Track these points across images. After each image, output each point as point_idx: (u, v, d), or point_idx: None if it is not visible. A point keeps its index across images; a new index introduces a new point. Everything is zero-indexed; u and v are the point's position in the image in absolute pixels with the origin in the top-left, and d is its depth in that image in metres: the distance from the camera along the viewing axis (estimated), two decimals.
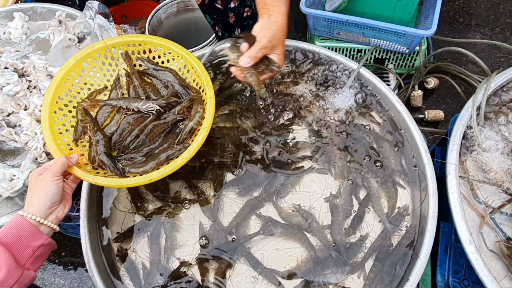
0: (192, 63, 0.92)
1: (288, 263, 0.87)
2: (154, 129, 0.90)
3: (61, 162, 0.77)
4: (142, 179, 0.79)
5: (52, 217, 0.74)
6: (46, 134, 0.83)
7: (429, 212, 0.85)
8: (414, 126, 0.96)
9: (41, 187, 0.74)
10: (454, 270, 0.91)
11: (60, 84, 0.90)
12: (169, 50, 0.96)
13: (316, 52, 1.10)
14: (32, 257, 0.70)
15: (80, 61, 0.93)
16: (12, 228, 0.69)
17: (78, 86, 0.95)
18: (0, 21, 1.26)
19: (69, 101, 0.92)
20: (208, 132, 0.83)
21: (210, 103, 0.86)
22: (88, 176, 0.79)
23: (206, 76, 0.89)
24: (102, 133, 0.87)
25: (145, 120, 0.91)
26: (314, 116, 1.04)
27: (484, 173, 0.93)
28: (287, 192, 0.95)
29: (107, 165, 0.83)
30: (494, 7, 1.73)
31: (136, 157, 0.87)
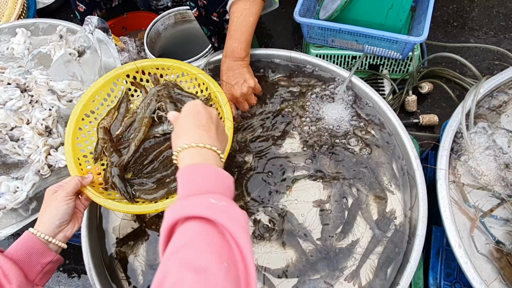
0: (216, 93, 0.92)
1: (281, 266, 0.90)
2: (169, 156, 0.90)
3: (75, 182, 0.79)
4: (148, 208, 0.80)
5: (60, 235, 0.76)
6: (67, 151, 0.85)
7: (419, 217, 0.87)
8: (404, 133, 0.98)
9: (53, 206, 0.75)
10: (446, 273, 0.93)
11: (88, 101, 0.92)
12: (196, 77, 0.97)
13: (308, 62, 1.13)
14: (41, 273, 0.72)
15: (110, 81, 0.96)
16: (23, 245, 0.72)
17: (105, 104, 0.97)
18: (4, 37, 1.30)
19: (95, 118, 0.95)
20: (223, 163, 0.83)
21: (229, 134, 0.83)
22: (98, 198, 0.81)
23: (228, 108, 0.88)
24: (118, 154, 0.89)
25: (161, 146, 0.91)
26: (306, 124, 1.07)
27: (474, 177, 0.95)
28: (278, 198, 0.97)
29: (118, 188, 0.84)
30: (488, 10, 1.75)
31: (148, 183, 0.88)
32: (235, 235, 0.50)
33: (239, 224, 0.52)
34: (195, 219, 0.51)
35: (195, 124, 0.65)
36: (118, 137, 0.94)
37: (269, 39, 1.81)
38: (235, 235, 0.50)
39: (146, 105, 0.93)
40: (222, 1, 1.20)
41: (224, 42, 1.41)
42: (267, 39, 1.81)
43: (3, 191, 0.95)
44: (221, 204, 0.53)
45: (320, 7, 1.46)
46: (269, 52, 1.16)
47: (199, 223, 0.51)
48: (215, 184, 0.58)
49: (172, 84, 0.97)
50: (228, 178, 0.61)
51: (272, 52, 1.16)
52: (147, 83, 1.01)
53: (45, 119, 1.01)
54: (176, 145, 0.64)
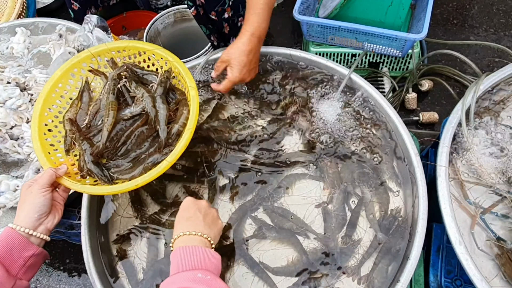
0: (176, 64, 0.92)
1: (281, 264, 0.90)
2: (141, 135, 0.91)
3: (48, 174, 0.79)
4: (127, 186, 0.80)
5: (41, 228, 0.76)
6: (35, 147, 0.85)
7: (419, 214, 0.87)
8: (404, 130, 0.98)
9: (29, 200, 0.76)
10: (446, 270, 0.92)
11: (48, 96, 0.92)
12: (153, 53, 0.97)
13: (307, 60, 1.13)
14: (24, 267, 0.72)
15: (67, 71, 0.95)
16: (3, 241, 0.72)
17: (67, 96, 0.97)
18: (3, 36, 1.30)
19: (59, 112, 0.94)
20: (192, 134, 0.83)
21: (194, 104, 0.86)
22: (76, 185, 0.81)
23: (190, 77, 0.89)
24: (88, 142, 0.89)
25: (131, 127, 0.91)
26: (306, 123, 1.07)
27: (475, 174, 0.95)
28: (279, 197, 0.97)
29: (95, 173, 0.85)
30: (488, 8, 1.74)
31: (123, 163, 0.88)
32: None
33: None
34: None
35: (184, 217, 0.78)
36: (86, 126, 0.94)
37: (268, 38, 1.81)
38: None
39: (108, 89, 0.93)
40: (220, 0, 1.20)
41: (223, 41, 1.41)
42: (267, 38, 1.80)
43: (3, 189, 0.95)
44: (206, 278, 0.64)
45: (320, 5, 1.46)
46: (269, 50, 1.16)
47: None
48: (201, 262, 0.68)
49: (131, 65, 0.97)
50: (214, 256, 0.72)
51: (271, 50, 1.16)
52: (106, 69, 1.01)
53: None
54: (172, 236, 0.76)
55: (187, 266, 0.67)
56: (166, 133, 0.87)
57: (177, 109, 0.91)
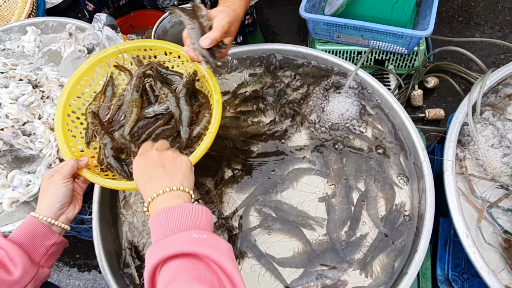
0: (200, 67, 0.90)
1: (287, 256, 0.92)
2: (161, 134, 0.91)
3: (70, 164, 0.80)
4: None
5: (62, 217, 0.78)
6: (58, 137, 0.86)
7: (426, 208, 0.88)
8: (411, 125, 0.99)
9: (51, 190, 0.77)
10: (453, 264, 0.93)
11: (73, 88, 0.93)
12: (179, 55, 0.97)
13: (314, 56, 1.14)
14: (45, 255, 0.74)
15: (93, 65, 0.96)
16: (25, 229, 0.74)
17: (92, 89, 0.98)
18: (14, 35, 1.32)
19: (82, 104, 0.96)
20: (214, 137, 0.84)
21: (217, 108, 0.86)
22: (96, 178, 0.82)
23: (214, 81, 0.89)
24: (110, 136, 0.90)
25: (154, 125, 0.92)
26: (312, 118, 1.08)
27: (481, 169, 0.95)
28: (284, 190, 0.98)
29: (114, 167, 0.85)
30: (493, 5, 1.75)
31: None
32: (223, 264, 0.50)
33: (225, 253, 0.52)
34: (176, 257, 0.51)
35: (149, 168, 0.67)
36: (108, 121, 0.95)
37: (274, 36, 1.82)
38: (223, 264, 0.50)
39: (133, 87, 0.94)
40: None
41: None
42: (273, 36, 1.82)
43: (16, 184, 0.97)
44: (203, 237, 0.54)
45: (326, 3, 1.47)
46: (276, 47, 1.17)
47: (182, 259, 0.51)
48: (194, 221, 0.58)
49: (156, 64, 0.97)
50: (205, 213, 0.61)
51: (278, 47, 1.17)
52: (131, 65, 1.02)
53: None
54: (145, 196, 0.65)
55: (176, 229, 0.56)
56: (188, 134, 0.88)
57: (199, 111, 0.91)
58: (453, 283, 0.91)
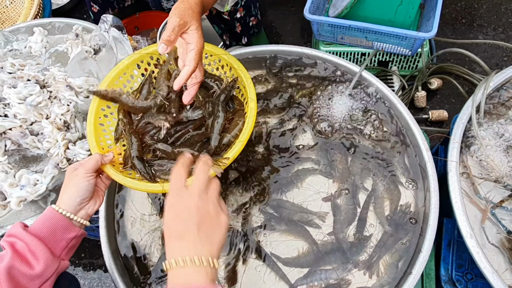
0: (240, 74, 0.90)
1: (291, 255, 0.92)
2: (191, 139, 0.89)
3: (95, 159, 0.79)
4: (167, 187, 0.77)
5: (82, 212, 0.76)
6: (89, 130, 0.85)
7: (430, 208, 0.89)
8: (415, 126, 1.00)
9: (73, 183, 0.76)
10: (457, 264, 0.94)
11: (112, 82, 0.91)
12: (219, 58, 0.95)
13: (319, 57, 1.14)
14: (66, 248, 0.73)
15: (134, 62, 0.95)
16: (46, 222, 0.72)
17: (129, 86, 0.97)
18: (21, 35, 1.34)
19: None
20: (243, 146, 0.80)
21: (251, 116, 0.83)
22: (117, 176, 0.80)
23: (252, 89, 0.87)
24: (136, 137, 0.88)
25: (183, 129, 0.89)
26: (317, 119, 1.09)
27: (485, 169, 0.96)
28: (289, 191, 0.99)
29: (137, 168, 0.84)
30: (496, 7, 1.75)
31: (167, 163, 0.86)
32: None
33: None
34: None
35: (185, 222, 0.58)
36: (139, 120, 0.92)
37: (278, 38, 1.83)
38: None
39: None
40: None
41: (235, 40, 1.44)
42: (277, 38, 1.83)
43: (24, 183, 0.98)
44: None
45: (330, 5, 1.48)
46: (280, 48, 1.18)
47: None
48: None
49: None
50: None
51: (283, 48, 1.18)
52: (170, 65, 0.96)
53: (64, 114, 1.04)
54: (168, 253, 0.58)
55: None
56: (218, 142, 0.86)
57: (232, 118, 0.89)
58: (456, 283, 0.91)
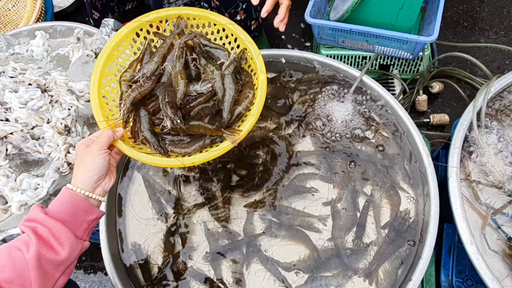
0: (247, 44, 0.87)
1: (291, 260, 0.92)
2: (202, 111, 0.85)
3: (108, 135, 0.76)
4: (184, 161, 0.76)
5: (99, 190, 0.74)
6: (94, 105, 0.81)
7: (430, 214, 0.89)
8: (415, 131, 0.99)
9: (88, 160, 0.73)
10: (457, 270, 0.94)
11: (111, 52, 0.87)
12: (224, 27, 0.91)
13: (319, 62, 1.14)
14: (87, 229, 0.71)
15: (133, 30, 0.91)
16: (66, 204, 0.69)
17: (128, 56, 0.93)
18: (23, 39, 1.34)
19: (118, 70, 0.90)
20: (257, 119, 0.79)
21: (262, 89, 0.81)
22: (131, 151, 0.77)
23: (261, 60, 0.84)
24: (146, 109, 0.84)
25: (194, 101, 0.86)
26: (318, 124, 1.09)
27: (486, 175, 0.96)
28: (289, 195, 0.99)
29: (150, 142, 0.80)
30: (498, 10, 1.74)
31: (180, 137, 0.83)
32: None
33: None
34: None
35: None
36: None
37: (279, 41, 1.83)
38: None
39: (176, 58, 0.88)
40: (234, 2, 1.23)
41: None
42: (278, 41, 1.83)
43: (25, 187, 0.98)
44: None
45: (331, 8, 1.48)
46: (282, 52, 1.18)
47: None
48: None
49: (199, 34, 0.92)
50: None
51: (284, 52, 1.18)
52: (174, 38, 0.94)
53: (65, 118, 1.05)
54: None
55: None
56: (229, 114, 0.83)
57: (242, 90, 0.86)
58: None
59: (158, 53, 0.90)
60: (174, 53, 0.89)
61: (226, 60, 0.89)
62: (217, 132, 0.80)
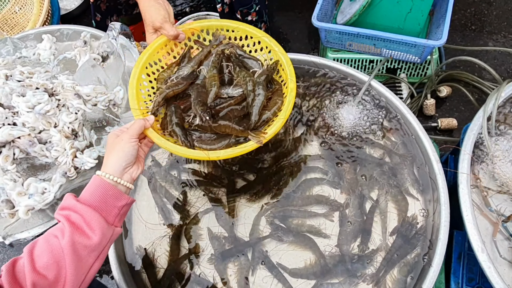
0: (280, 56, 0.93)
1: (298, 266, 0.92)
2: (231, 113, 0.89)
3: (139, 124, 0.79)
4: (209, 154, 0.79)
5: (126, 176, 0.76)
6: (131, 94, 0.86)
7: (441, 221, 0.87)
8: (425, 136, 0.98)
9: (118, 148, 0.75)
10: (468, 278, 0.92)
11: (154, 52, 0.94)
12: (259, 40, 0.97)
13: (327, 66, 1.14)
14: (118, 215, 0.73)
15: None
16: (96, 191, 0.72)
17: (169, 58, 0.99)
18: (30, 42, 1.34)
19: (157, 70, 0.97)
20: (284, 124, 0.83)
21: (291, 96, 0.86)
22: (160, 140, 0.81)
23: (291, 69, 0.90)
24: (177, 105, 0.89)
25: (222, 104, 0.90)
26: (326, 128, 1.08)
27: (496, 182, 0.95)
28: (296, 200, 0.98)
29: (178, 135, 0.83)
30: (506, 14, 1.73)
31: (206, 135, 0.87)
32: None
33: None
34: None
35: None
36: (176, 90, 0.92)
37: (286, 44, 1.83)
38: None
39: (212, 63, 0.94)
40: (248, 3, 1.23)
41: None
42: (284, 44, 1.83)
43: (32, 192, 0.98)
44: None
45: (338, 11, 1.47)
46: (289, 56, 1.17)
47: None
48: None
49: (235, 45, 0.98)
50: None
51: (291, 56, 1.17)
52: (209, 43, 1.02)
53: (72, 123, 1.04)
54: None
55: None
56: (257, 118, 0.87)
57: (271, 98, 0.91)
58: None
59: (195, 59, 0.97)
60: (211, 59, 0.95)
61: (259, 69, 0.95)
62: (243, 133, 0.84)
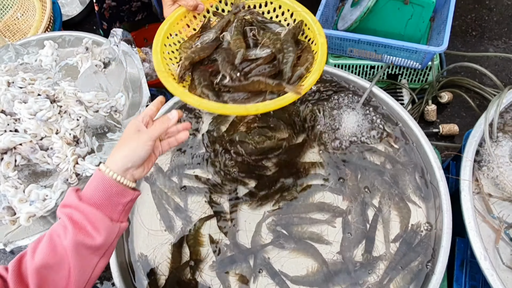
0: (305, 15, 0.91)
1: (300, 274, 0.91)
2: (262, 71, 0.85)
3: (161, 126, 0.75)
4: (248, 109, 0.76)
5: (129, 175, 0.72)
6: (155, 59, 0.85)
7: (443, 229, 0.87)
8: (427, 143, 0.98)
9: (132, 145, 0.72)
10: (470, 285, 0.92)
11: (174, 22, 0.93)
12: (280, 4, 0.95)
13: (328, 72, 1.14)
14: (123, 212, 0.71)
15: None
16: (99, 187, 0.69)
17: (188, 30, 0.97)
18: (32, 49, 1.35)
19: (178, 41, 0.95)
20: (319, 76, 0.81)
21: (323, 49, 0.84)
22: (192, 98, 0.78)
23: (318, 26, 0.88)
24: (204, 67, 0.86)
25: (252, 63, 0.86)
26: (326, 135, 1.08)
27: (498, 188, 0.94)
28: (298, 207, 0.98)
29: (209, 96, 0.80)
30: (507, 19, 1.74)
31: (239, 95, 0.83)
32: None
33: None
34: None
35: None
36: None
37: None
38: None
39: (234, 28, 0.92)
40: None
41: None
42: None
43: (33, 199, 0.98)
44: None
45: (339, 17, 1.48)
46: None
47: None
48: None
49: (255, 11, 0.96)
50: None
51: None
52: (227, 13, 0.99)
53: (73, 129, 1.05)
54: None
55: None
56: (290, 74, 0.83)
57: (300, 56, 0.88)
58: None
59: (217, 26, 0.95)
60: (233, 25, 0.92)
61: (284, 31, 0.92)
62: (279, 87, 0.80)
